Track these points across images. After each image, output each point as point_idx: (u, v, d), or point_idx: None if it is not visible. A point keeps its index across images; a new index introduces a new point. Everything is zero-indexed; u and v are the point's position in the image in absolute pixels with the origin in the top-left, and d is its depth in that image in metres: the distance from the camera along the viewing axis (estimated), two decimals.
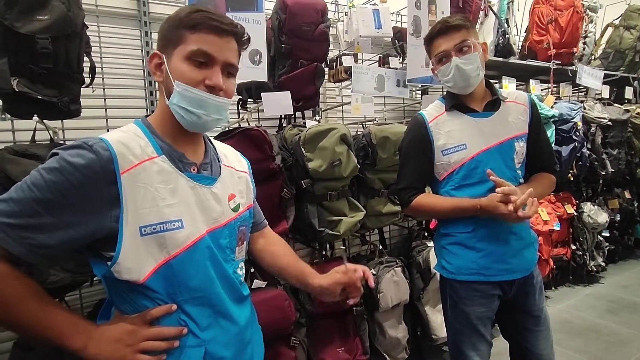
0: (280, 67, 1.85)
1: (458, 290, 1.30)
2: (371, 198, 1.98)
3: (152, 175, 0.73)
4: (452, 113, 1.31)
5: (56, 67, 1.29)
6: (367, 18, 1.96)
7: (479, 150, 1.27)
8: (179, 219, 0.74)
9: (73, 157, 0.67)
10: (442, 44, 1.23)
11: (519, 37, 2.96)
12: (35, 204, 0.65)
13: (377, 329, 1.98)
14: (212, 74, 0.75)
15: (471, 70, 1.22)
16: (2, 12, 1.21)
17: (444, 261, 1.34)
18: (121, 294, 0.74)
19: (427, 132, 1.30)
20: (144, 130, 0.77)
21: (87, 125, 1.66)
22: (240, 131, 1.54)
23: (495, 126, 1.29)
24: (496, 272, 1.26)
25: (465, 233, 1.28)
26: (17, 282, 0.66)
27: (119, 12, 1.76)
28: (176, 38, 0.75)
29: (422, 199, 1.32)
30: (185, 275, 0.75)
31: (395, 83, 2.06)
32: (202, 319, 0.76)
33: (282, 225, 1.66)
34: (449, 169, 1.30)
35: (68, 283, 1.31)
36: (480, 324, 1.29)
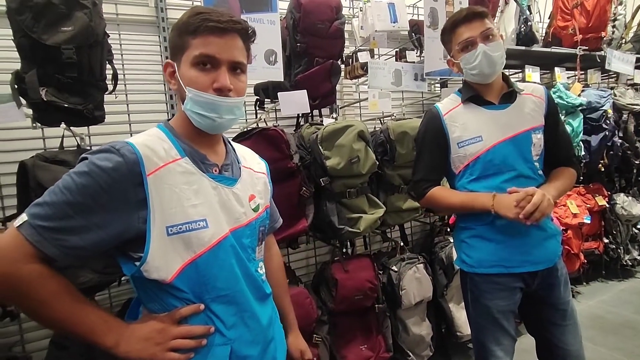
0: (296, 66, 1.85)
1: (479, 283, 1.28)
2: (391, 194, 1.96)
3: (177, 176, 0.75)
4: (467, 105, 1.31)
5: (80, 75, 1.34)
6: (383, 12, 1.94)
7: (495, 142, 1.25)
8: (204, 219, 0.76)
9: (101, 160, 0.69)
10: (466, 32, 1.22)
11: (543, 24, 2.85)
12: (67, 207, 0.67)
13: (400, 326, 1.96)
14: (219, 75, 0.76)
15: (498, 57, 1.21)
16: (30, 25, 1.26)
17: (464, 255, 1.33)
18: (149, 293, 0.77)
19: (442, 125, 1.30)
20: (167, 133, 0.79)
21: (111, 131, 1.71)
22: (258, 131, 1.55)
23: (511, 118, 1.27)
24: (517, 263, 1.23)
25: (484, 225, 1.26)
26: (52, 281, 0.69)
27: (139, 19, 1.81)
28: (181, 45, 0.76)
29: (436, 191, 1.32)
30: (211, 273, 0.77)
31: (412, 77, 2.02)
32: (227, 317, 0.78)
33: (301, 223, 1.66)
34: (464, 162, 1.28)
35: (97, 283, 1.36)
36: (502, 317, 1.26)
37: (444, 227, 2.35)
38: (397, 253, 2.08)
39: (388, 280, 1.94)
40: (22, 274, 0.66)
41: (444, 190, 1.33)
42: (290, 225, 1.63)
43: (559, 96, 2.48)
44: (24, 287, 0.67)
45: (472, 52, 1.22)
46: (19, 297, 0.68)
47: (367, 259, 1.89)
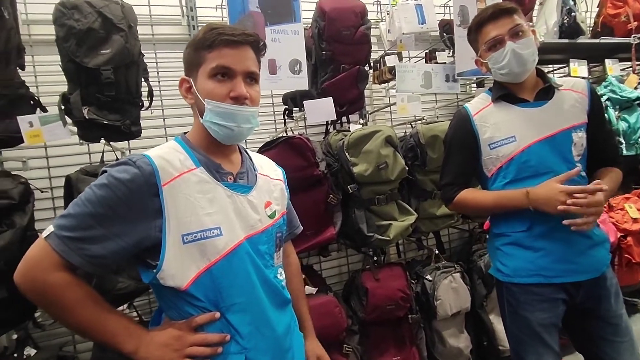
0: (322, 73, 1.85)
1: (516, 294, 1.19)
2: (423, 200, 1.90)
3: (191, 185, 0.78)
4: (499, 104, 1.23)
5: (118, 94, 1.44)
6: (410, 14, 1.89)
7: (530, 142, 1.17)
8: (218, 227, 0.78)
9: (120, 173, 0.73)
10: (494, 30, 1.17)
11: (590, 13, 2.64)
12: (89, 218, 0.72)
13: (436, 338, 1.88)
14: (235, 85, 0.80)
15: (528, 55, 1.15)
16: (74, 50, 1.38)
17: (499, 263, 1.24)
18: (167, 301, 0.80)
19: (471, 126, 1.24)
20: (183, 145, 0.83)
21: (150, 144, 1.81)
22: (283, 140, 1.57)
23: (548, 116, 1.18)
24: (558, 272, 1.14)
25: (521, 232, 1.18)
26: (77, 288, 0.74)
27: (173, 38, 1.91)
28: (197, 60, 0.80)
29: (465, 193, 1.25)
30: (226, 281, 0.78)
31: (444, 78, 1.95)
32: (242, 326, 0.79)
33: (329, 231, 1.65)
34: (497, 164, 1.21)
35: (134, 290, 1.44)
36: (544, 331, 1.16)
37: (483, 234, 2.22)
38: (432, 261, 2.00)
39: (422, 290, 1.87)
40: (49, 281, 0.71)
41: (474, 192, 1.26)
42: (318, 233, 1.63)
43: (611, 90, 2.28)
44: (51, 294, 0.72)
45: (500, 51, 1.16)
46: (47, 303, 0.73)
47: (399, 267, 1.83)
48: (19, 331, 1.48)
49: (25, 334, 1.48)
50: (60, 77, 1.43)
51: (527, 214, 1.15)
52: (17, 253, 1.16)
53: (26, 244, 1.02)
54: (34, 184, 1.41)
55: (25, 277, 0.73)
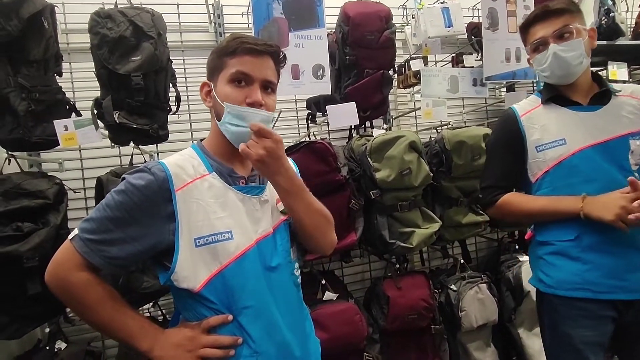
0: (345, 78, 1.85)
1: (558, 307, 1.12)
2: (448, 208, 1.85)
3: (204, 191, 0.80)
4: (549, 106, 1.18)
5: (147, 99, 1.49)
6: (436, 18, 1.86)
7: (582, 147, 1.11)
8: (229, 230, 0.80)
9: (136, 179, 0.77)
10: (540, 31, 1.13)
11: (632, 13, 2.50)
12: (108, 221, 0.76)
13: (461, 351, 1.81)
14: (252, 91, 0.82)
15: (571, 58, 1.10)
16: (107, 57, 1.44)
17: (541, 273, 1.18)
18: (183, 302, 0.82)
19: (519, 127, 1.19)
20: (198, 152, 0.85)
21: (177, 148, 1.86)
22: (305, 145, 1.57)
23: (603, 121, 1.12)
24: (607, 288, 1.06)
25: (568, 241, 1.11)
26: (98, 288, 0.77)
27: (200, 44, 1.96)
28: (219, 66, 0.83)
29: (510, 197, 1.20)
30: (237, 284, 0.79)
31: (471, 82, 1.90)
32: (254, 330, 0.79)
33: (350, 237, 1.64)
34: (543, 167, 1.15)
35: (159, 289, 1.47)
36: (587, 350, 1.08)
37: (512, 244, 2.13)
38: (457, 271, 1.93)
39: (446, 300, 1.81)
40: (72, 280, 0.75)
41: (519, 196, 1.21)
42: (339, 239, 1.60)
43: None
44: (74, 292, 0.76)
45: (543, 53, 1.13)
46: (70, 301, 0.77)
47: (422, 276, 1.78)
48: (51, 325, 1.55)
49: (57, 328, 1.55)
50: (94, 83, 1.50)
51: (575, 222, 1.08)
52: (50, 250, 1.22)
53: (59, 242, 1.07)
54: (68, 184, 1.48)
55: (52, 275, 0.77)
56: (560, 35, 1.11)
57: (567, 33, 1.10)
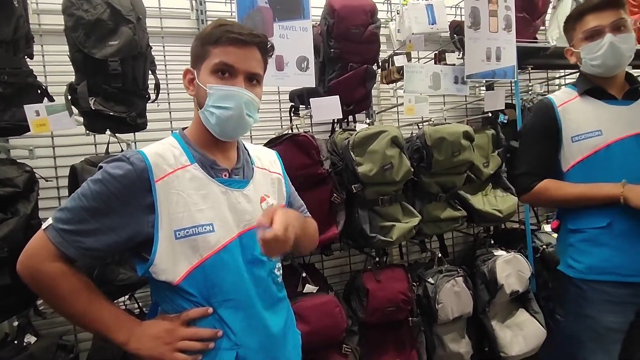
0: (330, 71, 1.84)
1: (586, 292, 1.17)
2: (428, 203, 1.88)
3: (185, 182, 0.78)
4: (585, 98, 1.22)
5: (124, 85, 1.44)
6: (420, 14, 1.87)
7: (617, 138, 1.15)
8: (210, 223, 0.78)
9: (113, 169, 0.74)
10: (595, 20, 1.16)
11: None
12: (83, 211, 0.73)
13: (437, 342, 1.86)
14: (236, 83, 0.79)
15: (626, 50, 1.14)
16: (82, 41, 1.38)
17: (571, 259, 1.22)
18: (161, 294, 0.80)
19: (555, 116, 1.22)
20: (180, 141, 0.83)
21: (155, 137, 1.80)
22: (288, 137, 1.56)
23: (637, 115, 1.17)
24: (634, 272, 1.12)
25: (599, 228, 1.16)
26: (72, 278, 0.75)
27: (181, 32, 1.91)
28: (202, 54, 0.81)
29: (548, 183, 1.23)
30: (218, 277, 0.78)
31: (452, 80, 1.93)
32: (235, 322, 0.79)
33: (331, 230, 1.64)
34: (578, 157, 1.19)
35: (136, 281, 1.44)
36: (608, 336, 1.13)
37: (487, 239, 2.20)
38: (435, 264, 1.98)
39: (424, 293, 1.85)
40: (45, 270, 0.73)
41: (556, 182, 1.24)
42: (321, 232, 1.60)
43: None
44: (47, 283, 0.73)
45: (598, 41, 1.15)
46: (43, 292, 0.75)
47: (401, 269, 1.81)
48: (20, 318, 1.49)
49: (26, 321, 1.49)
50: (68, 67, 1.43)
51: (608, 210, 1.13)
52: (20, 241, 1.17)
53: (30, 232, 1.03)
54: (40, 173, 1.42)
55: (25, 266, 0.74)
56: (617, 27, 1.14)
57: (623, 26, 1.14)
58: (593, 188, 1.15)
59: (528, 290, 1.99)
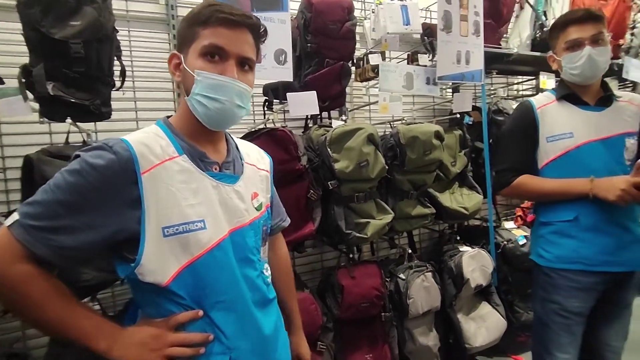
0: (306, 66, 1.82)
1: (554, 279, 1.28)
2: (400, 200, 1.92)
3: (174, 175, 0.72)
4: (562, 103, 1.32)
5: (88, 70, 1.32)
6: (395, 14, 1.90)
7: (586, 141, 1.26)
8: (202, 220, 0.73)
9: (93, 158, 0.67)
10: (577, 32, 1.24)
11: None
12: (57, 206, 0.65)
13: (407, 336, 1.90)
14: (226, 67, 0.74)
15: (602, 63, 1.23)
16: (39, 19, 1.25)
17: (541, 249, 1.33)
18: (145, 297, 0.74)
19: (534, 117, 1.31)
20: (165, 130, 0.77)
21: (119, 128, 1.69)
22: (266, 132, 1.52)
23: (605, 120, 1.27)
24: (599, 262, 1.22)
25: (567, 222, 1.26)
26: (43, 282, 0.67)
27: (149, 16, 1.80)
28: (190, 36, 0.75)
29: (526, 178, 1.33)
30: (210, 277, 0.73)
31: (424, 81, 1.98)
32: (227, 325, 0.74)
33: (308, 227, 1.63)
34: (551, 156, 1.29)
35: (100, 282, 1.34)
36: (572, 319, 1.24)
37: (453, 235, 2.29)
38: (405, 260, 2.02)
39: (395, 288, 1.89)
40: (11, 274, 0.64)
41: (533, 178, 1.33)
42: (297, 229, 1.60)
43: None
44: (14, 288, 0.64)
45: (577, 52, 1.23)
46: (9, 298, 0.66)
47: (375, 265, 1.84)
48: None
49: None
50: (23, 48, 1.29)
51: (575, 206, 1.23)
52: None
53: None
54: None
55: None
56: (596, 40, 1.22)
57: (601, 40, 1.22)
58: (566, 184, 1.25)
59: (490, 284, 2.09)
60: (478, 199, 2.11)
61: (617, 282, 1.27)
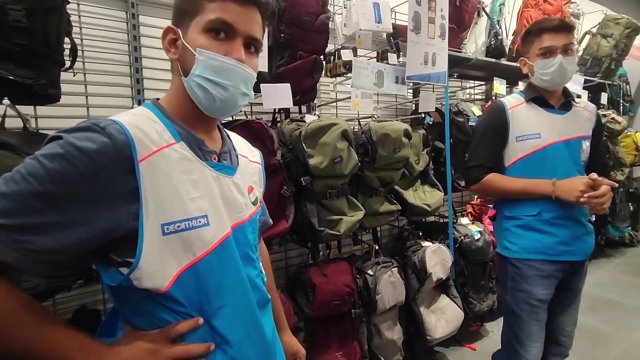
0: (278, 58, 1.75)
1: (521, 269, 1.36)
2: (369, 197, 1.93)
3: (173, 164, 0.63)
4: (530, 105, 1.39)
5: (32, 44, 1.13)
6: (368, 11, 1.90)
7: (551, 141, 1.35)
8: (204, 215, 0.65)
9: (82, 140, 0.55)
10: (551, 40, 1.30)
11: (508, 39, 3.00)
12: (34, 199, 0.53)
13: (374, 331, 1.92)
14: (233, 47, 0.66)
15: (570, 71, 1.32)
16: None
17: (507, 242, 1.41)
18: (135, 306, 0.63)
19: (506, 117, 1.38)
20: (158, 113, 0.67)
21: (64, 113, 1.49)
22: (241, 123, 1.43)
23: (568, 123, 1.37)
24: (559, 252, 1.34)
25: (532, 216, 1.35)
26: (10, 296, 0.55)
27: None
28: (193, 8, 0.66)
29: (493, 176, 1.39)
30: (214, 280, 0.65)
31: (394, 80, 2.01)
32: (231, 332, 0.67)
33: (281, 224, 1.57)
34: (519, 155, 1.37)
35: (44, 289, 1.16)
36: (539, 307, 1.34)
37: (415, 231, 2.36)
38: (372, 257, 2.04)
39: (364, 285, 1.89)
40: None
41: (500, 177, 1.40)
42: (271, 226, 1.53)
43: None
44: None
45: (550, 59, 1.30)
46: None
47: (345, 262, 1.83)
48: None
49: None
50: None
51: (538, 202, 1.33)
52: None
53: None
54: None
55: None
56: (567, 50, 1.30)
57: (571, 49, 1.31)
58: (530, 184, 1.34)
59: (449, 277, 2.19)
60: (439, 196, 2.20)
61: (573, 270, 1.40)
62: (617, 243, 4.09)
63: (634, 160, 3.74)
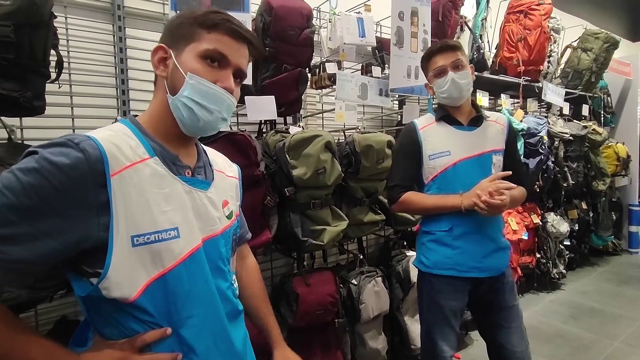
0: (263, 70, 1.79)
1: (435, 284, 1.40)
2: (353, 207, 1.96)
3: (145, 178, 0.66)
4: (440, 123, 1.45)
5: (18, 58, 1.16)
6: (352, 26, 1.95)
7: (461, 158, 1.39)
8: (175, 227, 0.68)
9: (56, 156, 0.58)
10: (440, 60, 1.37)
11: (490, 53, 3.08)
12: (8, 211, 0.55)
13: (358, 341, 1.94)
14: (224, 76, 0.72)
15: (464, 84, 1.37)
16: None
17: (423, 257, 1.45)
18: (105, 316, 0.65)
19: (417, 138, 1.43)
20: (134, 129, 0.70)
21: (50, 125, 1.51)
22: (225, 135, 1.46)
23: (477, 139, 1.42)
24: (468, 268, 1.37)
25: (444, 232, 1.39)
26: None
27: (90, 4, 1.63)
28: (190, 35, 0.71)
29: (409, 195, 1.43)
30: (182, 291, 0.68)
31: (377, 92, 2.06)
32: (199, 342, 0.69)
33: (265, 234, 1.59)
34: (434, 173, 1.41)
35: (25, 301, 1.17)
36: (452, 316, 1.39)
37: (400, 240, 2.39)
38: (357, 266, 2.06)
39: (348, 294, 1.92)
40: None
41: (416, 194, 1.44)
42: (254, 237, 1.53)
43: None
44: None
45: (443, 78, 1.37)
46: None
47: (329, 272, 1.85)
48: None
49: None
50: None
51: (450, 217, 1.36)
52: None
53: None
54: None
55: None
56: (457, 66, 1.37)
57: (460, 65, 1.37)
58: (441, 199, 1.39)
59: None
60: None
61: (492, 289, 1.40)
62: (601, 252, 4.17)
63: (615, 170, 3.84)
